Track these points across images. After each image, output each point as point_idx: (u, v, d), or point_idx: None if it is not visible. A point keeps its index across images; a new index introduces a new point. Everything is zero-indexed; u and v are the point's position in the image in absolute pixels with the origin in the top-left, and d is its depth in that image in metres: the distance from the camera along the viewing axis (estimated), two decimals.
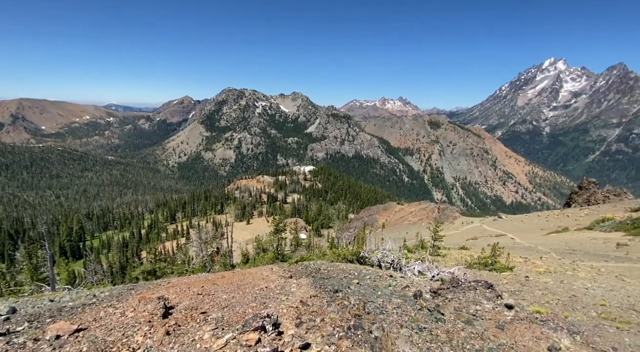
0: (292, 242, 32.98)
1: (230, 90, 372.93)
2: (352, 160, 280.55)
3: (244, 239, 62.98)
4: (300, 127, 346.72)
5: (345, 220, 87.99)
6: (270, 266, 9.67)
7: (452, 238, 28.73)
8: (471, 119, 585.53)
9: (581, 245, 19.01)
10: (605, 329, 4.34)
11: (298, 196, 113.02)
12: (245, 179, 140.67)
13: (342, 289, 4.73)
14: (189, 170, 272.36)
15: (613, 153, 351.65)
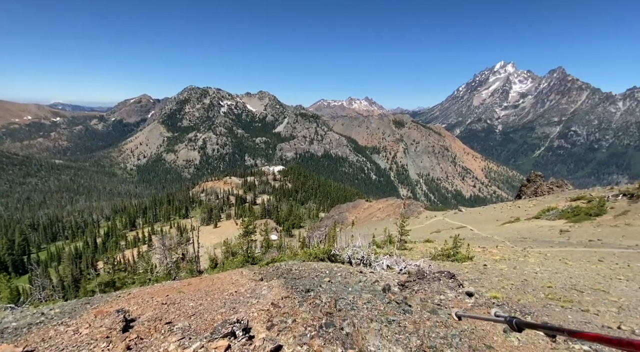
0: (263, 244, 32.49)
1: (192, 88, 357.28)
2: (322, 160, 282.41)
3: (212, 244, 60.84)
4: (268, 127, 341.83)
5: (316, 219, 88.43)
6: (240, 270, 9.43)
7: (417, 232, 30.04)
8: (432, 118, 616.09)
9: (530, 233, 20.84)
10: (552, 309, 4.76)
11: (268, 196, 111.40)
12: (212, 181, 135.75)
13: (313, 288, 4.75)
14: (150, 173, 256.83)
15: (555, 148, 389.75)
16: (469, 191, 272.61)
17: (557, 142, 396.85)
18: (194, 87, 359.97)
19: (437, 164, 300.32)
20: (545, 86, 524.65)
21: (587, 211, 23.76)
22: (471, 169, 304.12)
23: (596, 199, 25.88)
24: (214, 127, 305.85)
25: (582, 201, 27.29)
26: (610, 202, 24.40)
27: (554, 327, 1.09)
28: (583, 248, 13.71)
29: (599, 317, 4.54)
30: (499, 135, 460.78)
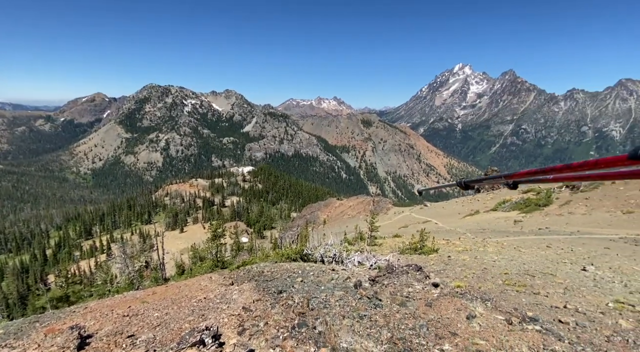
0: (233, 247, 31.64)
1: (153, 86, 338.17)
2: (292, 159, 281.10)
3: (179, 249, 58.17)
4: (235, 127, 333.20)
5: (288, 219, 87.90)
6: (210, 275, 9.10)
7: (386, 227, 30.98)
8: (398, 117, 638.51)
9: (489, 224, 22.38)
10: (508, 294, 5.12)
11: (237, 198, 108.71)
12: (176, 183, 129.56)
13: (286, 289, 4.71)
14: (107, 177, 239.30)
15: (508, 145, 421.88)
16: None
17: (510, 139, 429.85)
18: (155, 85, 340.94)
19: (403, 161, 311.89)
20: (498, 87, 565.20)
21: (537, 202, 26.00)
22: (435, 165, 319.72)
23: (544, 191, 28.40)
24: (177, 127, 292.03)
25: (532, 193, 29.79)
26: (556, 193, 26.90)
27: (493, 177, 1.24)
28: (534, 236, 14.99)
29: (548, 298, 4.98)
30: (459, 134, 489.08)
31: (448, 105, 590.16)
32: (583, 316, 3.94)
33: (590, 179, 0.83)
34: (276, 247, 26.53)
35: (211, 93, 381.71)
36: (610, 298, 4.97)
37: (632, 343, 3.07)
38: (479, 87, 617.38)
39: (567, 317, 3.75)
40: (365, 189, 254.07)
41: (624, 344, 3.02)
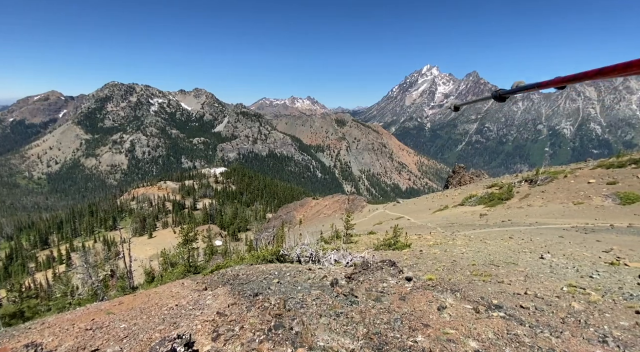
0: (206, 251, 30.73)
1: (115, 84, 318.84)
2: (267, 159, 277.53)
3: (147, 256, 55.44)
4: (206, 126, 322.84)
5: (264, 220, 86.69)
6: (181, 281, 8.76)
7: (362, 225, 31.53)
8: (370, 117, 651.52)
9: (457, 218, 23.50)
10: (476, 284, 5.39)
11: (210, 200, 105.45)
12: (144, 186, 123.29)
13: (262, 291, 4.65)
14: (65, 181, 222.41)
15: (473, 143, 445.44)
16: (405, 184, 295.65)
17: (474, 137, 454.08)
18: (117, 83, 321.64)
19: (376, 160, 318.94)
20: (463, 88, 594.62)
21: (500, 196, 27.68)
22: (406, 163, 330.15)
23: (506, 185, 30.29)
24: (143, 127, 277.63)
25: (495, 187, 31.66)
26: (516, 187, 28.80)
27: (528, 86, 1.28)
28: (498, 228, 15.95)
29: (511, 286, 5.32)
30: (428, 132, 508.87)
31: (417, 105, 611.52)
32: (541, 300, 4.25)
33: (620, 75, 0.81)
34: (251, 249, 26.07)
35: (180, 92, 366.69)
36: (565, 283, 5.41)
37: (583, 323, 3.36)
38: (445, 87, 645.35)
39: (528, 302, 4.03)
40: (341, 187, 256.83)
41: (577, 325, 3.30)
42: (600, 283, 5.39)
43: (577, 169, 28.01)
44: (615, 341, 2.81)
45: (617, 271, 6.32)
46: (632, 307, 4.00)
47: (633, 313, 3.81)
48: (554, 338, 2.62)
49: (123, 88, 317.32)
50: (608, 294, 4.64)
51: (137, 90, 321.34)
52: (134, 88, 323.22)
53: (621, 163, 25.67)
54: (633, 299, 4.39)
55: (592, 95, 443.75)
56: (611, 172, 24.17)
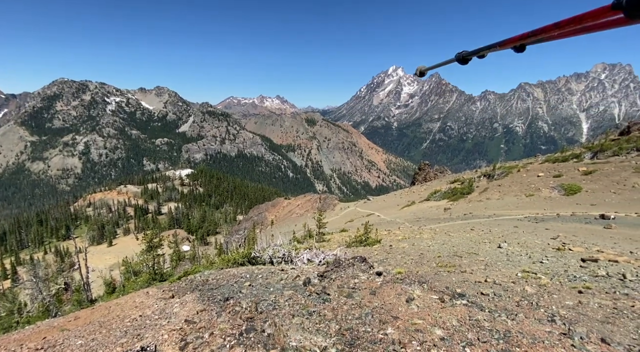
0: (173, 257, 29.34)
1: (65, 81, 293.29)
2: (236, 160, 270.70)
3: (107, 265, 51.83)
4: (170, 126, 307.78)
5: (234, 223, 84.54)
6: (146, 290, 8.28)
7: (334, 223, 31.88)
8: (340, 116, 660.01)
9: (423, 213, 24.58)
10: (441, 275, 5.67)
11: (175, 204, 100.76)
12: (101, 191, 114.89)
13: (233, 296, 4.54)
14: (7, 188, 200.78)
15: (437, 141, 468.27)
16: (375, 182, 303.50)
17: (438, 135, 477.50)
18: (67, 80, 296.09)
19: (347, 159, 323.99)
20: (427, 88, 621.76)
21: (461, 190, 29.36)
22: (375, 161, 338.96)
23: (467, 180, 32.19)
24: (99, 128, 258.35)
25: (457, 183, 33.53)
26: (476, 182, 30.71)
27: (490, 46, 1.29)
28: (460, 221, 16.91)
29: (472, 275, 5.66)
30: (395, 131, 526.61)
31: (385, 105, 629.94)
32: (499, 287, 4.58)
33: (577, 33, 0.84)
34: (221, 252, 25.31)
35: (139, 90, 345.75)
36: (519, 269, 5.87)
37: (535, 305, 3.67)
38: (410, 88, 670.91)
39: (487, 289, 4.32)
40: (313, 187, 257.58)
41: (530, 307, 3.59)
42: (549, 268, 5.91)
43: (528, 164, 30.50)
44: (561, 319, 3.11)
45: (563, 256, 6.97)
46: (576, 287, 4.44)
47: (576, 293, 4.23)
48: (510, 321, 2.83)
49: (74, 85, 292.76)
50: (555, 277, 5.11)
51: (90, 88, 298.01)
52: (87, 86, 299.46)
53: (564, 158, 28.39)
54: (576, 280, 4.88)
55: (540, 96, 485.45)
56: (557, 166, 26.61)
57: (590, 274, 5.26)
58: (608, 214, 14.25)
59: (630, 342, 2.65)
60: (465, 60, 1.44)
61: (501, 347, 2.28)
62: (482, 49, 1.32)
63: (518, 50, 1.24)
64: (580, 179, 22.24)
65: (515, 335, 2.49)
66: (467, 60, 1.44)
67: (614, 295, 4.08)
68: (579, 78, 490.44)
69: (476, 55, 1.40)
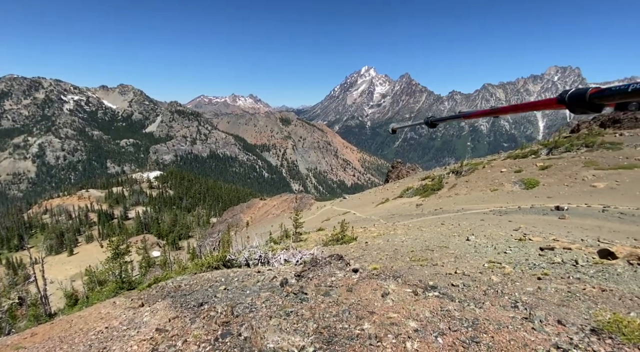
0: (142, 263, 27.96)
1: (14, 78, 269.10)
2: (208, 161, 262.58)
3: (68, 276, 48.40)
4: (136, 127, 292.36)
5: (207, 226, 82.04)
6: (113, 300, 7.82)
7: (311, 222, 31.91)
8: (315, 115, 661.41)
9: (397, 210, 25.29)
10: (415, 269, 5.86)
11: (144, 208, 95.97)
12: (59, 197, 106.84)
13: (208, 301, 4.41)
14: None
15: (408, 139, 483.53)
16: (350, 180, 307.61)
17: (409, 134, 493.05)
18: (17, 76, 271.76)
19: (322, 158, 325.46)
20: (398, 89, 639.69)
21: (432, 187, 30.55)
22: (350, 160, 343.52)
23: (437, 177, 33.54)
24: (55, 128, 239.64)
25: (428, 179, 34.83)
26: (445, 178, 32.09)
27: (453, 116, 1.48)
28: (432, 216, 17.59)
29: (444, 267, 5.91)
30: (369, 130, 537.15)
31: (358, 105, 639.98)
32: (468, 277, 4.82)
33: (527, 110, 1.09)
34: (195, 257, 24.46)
35: (101, 88, 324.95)
36: (486, 260, 6.21)
37: (500, 293, 3.91)
38: (382, 88, 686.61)
39: (457, 280, 4.54)
40: (289, 187, 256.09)
41: (495, 295, 3.82)
42: (512, 257, 6.32)
43: (492, 161, 32.36)
44: (523, 305, 3.34)
45: (524, 246, 7.47)
46: (535, 274, 4.78)
47: (536, 280, 4.55)
48: (478, 309, 2.99)
49: (25, 83, 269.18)
50: (518, 266, 5.47)
51: (44, 86, 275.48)
52: (41, 83, 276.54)
53: (524, 154, 30.46)
54: (536, 268, 5.25)
55: (502, 96, 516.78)
56: (517, 162, 28.46)
57: (548, 261, 5.69)
58: (562, 205, 15.47)
59: (582, 322, 2.90)
60: (433, 124, 1.66)
61: (470, 335, 2.41)
62: (447, 118, 1.54)
63: (430, 127, 1.55)
64: (538, 173, 23.96)
65: (483, 322, 2.64)
66: (434, 124, 1.66)
67: (568, 280, 4.45)
68: (535, 80, 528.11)
69: (443, 122, 1.63)
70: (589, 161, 23.26)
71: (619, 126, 31.41)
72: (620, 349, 2.24)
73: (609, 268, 4.99)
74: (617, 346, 2.29)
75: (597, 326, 2.67)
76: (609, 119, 33.63)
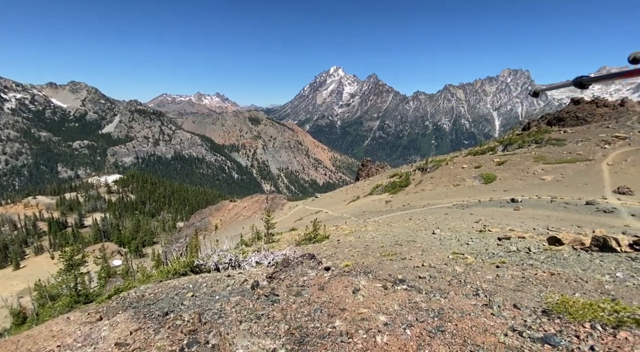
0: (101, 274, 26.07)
1: None
2: (173, 162, 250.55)
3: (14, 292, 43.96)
4: (91, 127, 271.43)
5: (174, 230, 78.34)
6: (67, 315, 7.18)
7: (283, 222, 31.66)
8: (285, 115, 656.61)
9: (368, 207, 25.87)
10: (384, 264, 6.01)
11: (102, 214, 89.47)
12: (1, 205, 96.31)
13: (174, 309, 4.20)
14: None
15: (377, 138, 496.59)
16: (322, 179, 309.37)
17: (377, 133, 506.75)
18: None
19: (293, 157, 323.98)
20: (366, 89, 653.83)
21: (400, 184, 31.63)
22: (321, 159, 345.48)
23: (404, 174, 34.78)
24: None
25: (396, 177, 36.02)
26: (412, 175, 33.38)
27: (611, 75, 1.42)
28: (400, 212, 18.20)
29: (412, 261, 6.13)
30: (339, 129, 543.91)
31: (328, 104, 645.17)
32: (434, 269, 5.04)
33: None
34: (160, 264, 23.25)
35: (49, 85, 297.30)
36: (450, 251, 6.54)
37: (463, 282, 4.13)
38: (351, 88, 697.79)
39: (424, 273, 4.72)
40: (260, 187, 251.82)
41: (459, 284, 4.02)
42: (474, 248, 6.71)
43: (454, 158, 34.18)
44: (484, 292, 3.55)
45: (484, 237, 7.98)
46: (494, 263, 5.11)
47: (494, 268, 4.87)
48: (443, 299, 3.14)
49: None
50: (479, 256, 5.81)
51: None
52: None
53: (482, 151, 32.53)
54: (494, 257, 5.62)
55: (462, 96, 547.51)
56: (477, 158, 30.32)
57: (505, 250, 6.12)
58: (517, 198, 16.75)
59: (534, 305, 3.15)
60: (583, 85, 1.56)
61: (436, 324, 2.51)
62: (600, 78, 1.46)
63: (580, 87, 1.47)
64: (495, 169, 25.72)
65: (448, 311, 2.76)
66: (585, 85, 1.56)
67: (522, 266, 4.81)
68: (491, 81, 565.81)
69: (596, 82, 1.54)
70: (539, 156, 25.40)
71: (563, 124, 34.63)
72: (567, 327, 2.46)
73: (556, 254, 5.47)
74: (565, 324, 2.51)
75: (548, 307, 2.91)
76: (554, 118, 36.95)
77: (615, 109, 33.26)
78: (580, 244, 5.93)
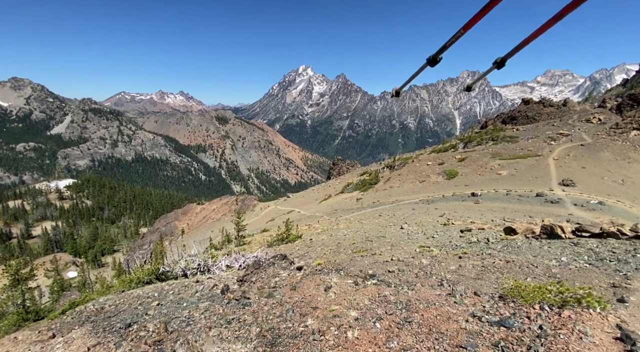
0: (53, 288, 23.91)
1: None
2: (134, 165, 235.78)
3: None
4: (38, 128, 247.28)
5: (137, 237, 73.82)
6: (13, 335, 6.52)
7: (255, 224, 31.08)
8: (254, 114, 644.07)
9: (339, 205, 26.19)
10: (356, 260, 6.12)
11: (53, 222, 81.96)
12: None
13: (137, 320, 3.96)
14: None
15: (347, 137, 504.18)
16: (293, 179, 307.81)
17: (347, 132, 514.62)
18: None
19: (264, 157, 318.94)
20: (335, 88, 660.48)
21: (370, 181, 32.39)
22: (293, 159, 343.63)
23: (373, 172, 35.66)
24: None
25: (366, 175, 36.82)
26: (381, 173, 34.32)
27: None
28: (370, 209, 18.65)
29: (381, 255, 6.31)
30: (310, 129, 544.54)
31: (298, 103, 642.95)
32: (402, 263, 5.23)
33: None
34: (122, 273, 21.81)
35: None
36: (417, 245, 6.82)
37: (429, 274, 4.33)
38: (320, 87, 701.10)
39: (393, 267, 4.89)
40: (229, 189, 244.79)
41: (425, 276, 4.21)
42: (438, 241, 7.05)
43: (420, 155, 35.66)
44: (448, 283, 3.75)
45: (448, 230, 8.42)
46: (457, 254, 5.42)
47: (457, 259, 5.16)
48: (410, 291, 3.27)
49: None
50: (443, 248, 6.13)
51: None
52: None
53: (445, 148, 34.27)
54: (457, 249, 5.95)
55: (425, 96, 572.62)
56: (440, 155, 31.88)
57: (467, 241, 6.51)
58: (476, 192, 17.86)
59: (492, 291, 3.38)
60: (435, 61, 1.48)
61: (404, 316, 2.62)
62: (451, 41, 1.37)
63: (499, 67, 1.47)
64: (457, 165, 27.21)
65: (414, 302, 2.89)
66: (436, 61, 1.48)
67: (482, 256, 5.15)
68: (452, 82, 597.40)
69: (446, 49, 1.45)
70: (495, 153, 27.27)
71: (515, 122, 37.48)
72: (520, 309, 2.67)
73: (511, 242, 5.91)
74: (518, 307, 2.73)
75: (504, 292, 3.15)
76: (508, 117, 39.88)
77: (559, 109, 36.66)
78: (532, 233, 6.47)
